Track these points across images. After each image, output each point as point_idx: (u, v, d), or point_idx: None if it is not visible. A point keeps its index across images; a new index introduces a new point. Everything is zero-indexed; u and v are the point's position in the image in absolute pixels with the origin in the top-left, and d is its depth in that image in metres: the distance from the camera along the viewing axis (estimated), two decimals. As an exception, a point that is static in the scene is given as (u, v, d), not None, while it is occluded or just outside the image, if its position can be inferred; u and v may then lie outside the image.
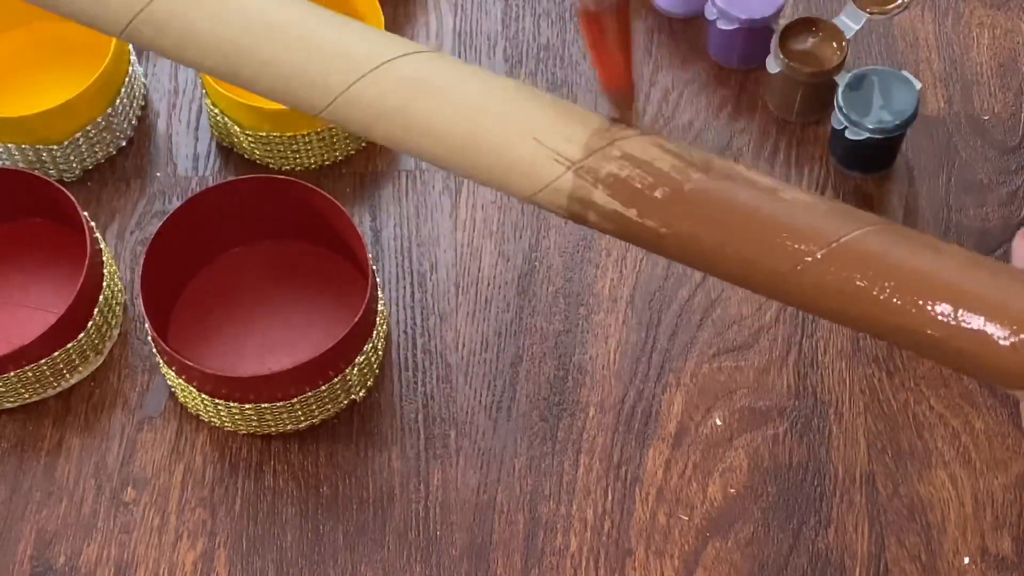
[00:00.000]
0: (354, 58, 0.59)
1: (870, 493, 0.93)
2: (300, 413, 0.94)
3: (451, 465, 0.95)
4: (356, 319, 0.91)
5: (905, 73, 1.01)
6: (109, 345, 0.99)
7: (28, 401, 0.97)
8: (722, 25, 1.06)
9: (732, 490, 0.94)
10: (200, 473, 0.95)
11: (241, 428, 0.95)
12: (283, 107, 1.01)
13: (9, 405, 0.97)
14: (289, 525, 0.93)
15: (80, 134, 1.04)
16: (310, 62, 0.60)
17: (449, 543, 0.92)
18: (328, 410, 0.96)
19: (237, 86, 0.62)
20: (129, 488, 0.94)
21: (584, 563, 0.91)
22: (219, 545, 0.92)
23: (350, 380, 0.94)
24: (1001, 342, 0.52)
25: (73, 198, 0.96)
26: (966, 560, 0.91)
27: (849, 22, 1.03)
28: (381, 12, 1.05)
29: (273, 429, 0.95)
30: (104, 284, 0.97)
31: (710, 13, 1.07)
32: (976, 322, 0.53)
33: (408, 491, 0.94)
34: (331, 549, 0.92)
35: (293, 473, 0.95)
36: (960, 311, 0.53)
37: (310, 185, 0.96)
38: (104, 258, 0.98)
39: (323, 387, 0.93)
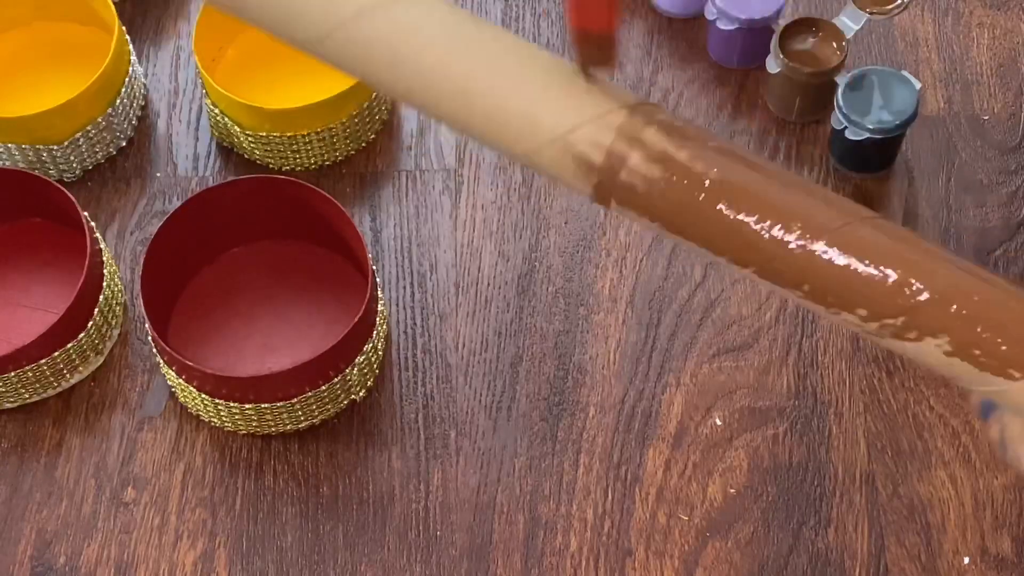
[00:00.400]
0: None
1: (870, 493, 0.93)
2: (300, 413, 0.94)
3: (451, 465, 0.95)
4: (356, 319, 0.91)
5: (905, 73, 1.01)
6: (109, 345, 0.99)
7: (28, 401, 0.97)
8: (722, 25, 1.06)
9: (732, 490, 0.94)
10: (200, 473, 0.95)
11: (241, 428, 0.95)
12: (283, 107, 1.02)
13: (9, 405, 0.97)
14: (289, 525, 0.93)
15: (80, 134, 1.04)
16: None
17: (449, 543, 0.92)
18: (328, 410, 0.96)
19: (237, 16, 0.61)
20: (129, 488, 0.94)
21: (584, 563, 0.91)
22: (219, 545, 0.92)
23: (350, 380, 0.94)
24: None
25: (73, 198, 0.96)
26: (966, 560, 0.91)
27: (849, 22, 1.03)
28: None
29: (273, 429, 0.95)
30: (104, 284, 0.97)
31: (710, 13, 1.07)
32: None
33: (408, 491, 0.94)
34: (331, 549, 0.92)
35: (293, 473, 0.95)
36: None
37: (310, 185, 0.96)
38: (104, 258, 0.98)
39: (323, 387, 0.93)
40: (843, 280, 0.56)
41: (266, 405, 0.92)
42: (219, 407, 0.93)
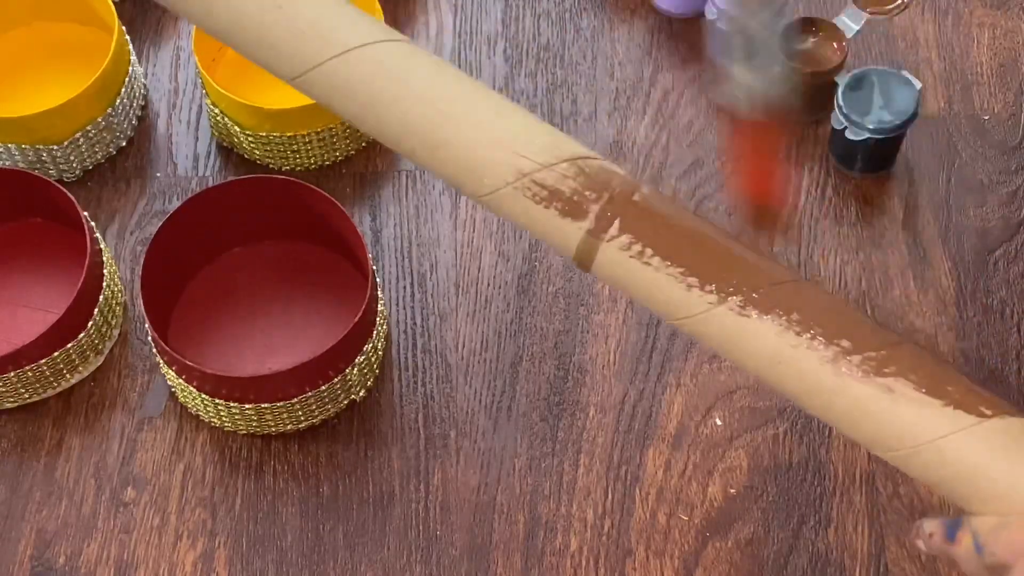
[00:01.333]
0: (329, 38, 0.62)
1: (870, 493, 0.93)
2: (300, 413, 0.94)
3: (451, 465, 0.95)
4: (356, 319, 0.91)
5: (905, 73, 1.01)
6: (109, 345, 0.99)
7: (28, 401, 0.97)
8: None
9: (732, 490, 0.94)
10: (200, 473, 0.95)
11: (241, 428, 0.95)
12: (283, 107, 1.02)
13: (9, 405, 0.97)
14: (289, 525, 0.93)
15: (80, 134, 1.04)
16: (290, 34, 0.63)
17: (449, 543, 0.92)
18: (328, 410, 0.96)
19: (219, 39, 0.66)
20: (129, 488, 0.94)
21: (584, 563, 0.91)
22: (219, 545, 0.92)
23: (350, 380, 0.94)
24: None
25: (73, 198, 0.96)
26: (966, 560, 0.91)
27: (849, 22, 1.03)
28: (381, 12, 1.05)
29: (273, 429, 0.95)
30: (104, 284, 0.97)
31: (710, 13, 1.07)
32: None
33: (408, 491, 0.94)
34: (331, 549, 0.92)
35: (293, 473, 0.95)
36: None
37: (310, 185, 0.96)
38: (104, 258, 0.98)
39: (323, 387, 0.93)
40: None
41: (266, 405, 0.92)
42: (219, 407, 0.93)
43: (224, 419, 0.95)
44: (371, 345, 0.95)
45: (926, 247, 1.02)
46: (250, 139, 1.04)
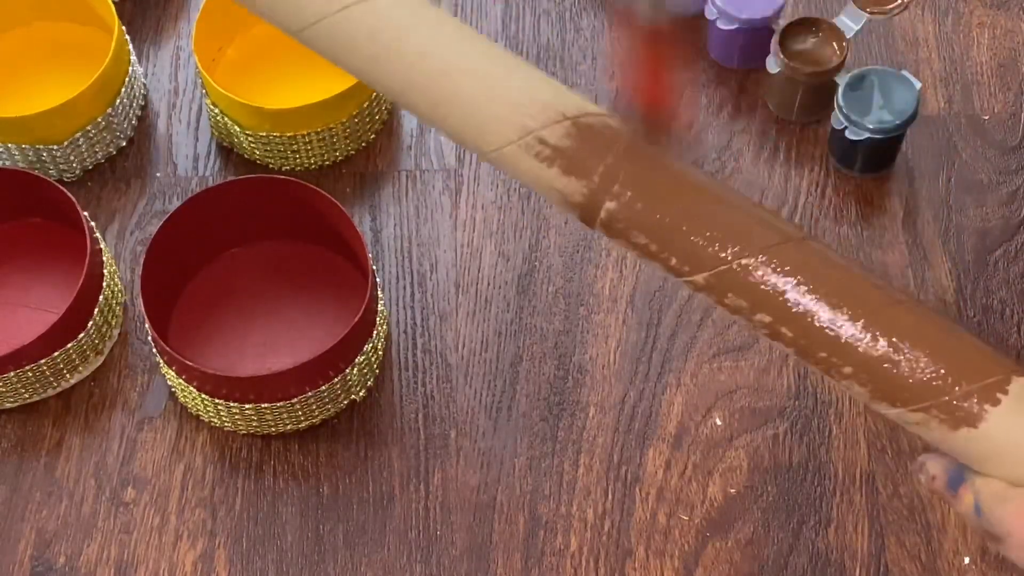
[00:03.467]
0: None
1: (870, 493, 0.93)
2: (300, 413, 0.94)
3: (451, 465, 0.95)
4: (356, 319, 0.91)
5: (905, 73, 1.01)
6: (109, 345, 0.99)
7: (28, 401, 0.97)
8: (722, 25, 1.06)
9: (732, 490, 0.94)
10: (200, 473, 0.95)
11: (241, 428, 0.95)
12: (283, 107, 1.02)
13: (9, 405, 0.97)
14: (289, 525, 0.93)
15: (80, 134, 1.04)
16: None
17: (449, 543, 0.92)
18: (328, 410, 0.96)
19: None
20: (129, 488, 0.94)
21: (584, 563, 0.91)
22: (219, 545, 0.92)
23: (350, 380, 0.94)
24: None
25: (73, 198, 0.96)
26: (966, 560, 0.91)
27: (849, 22, 1.03)
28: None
29: (273, 429, 0.95)
30: (104, 284, 0.97)
31: (710, 13, 1.07)
32: None
33: (408, 491, 0.94)
34: (331, 549, 0.92)
35: (293, 473, 0.95)
36: None
37: (310, 185, 0.96)
38: (104, 258, 0.98)
39: (323, 387, 0.93)
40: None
41: (266, 405, 0.92)
42: (219, 407, 0.93)
43: (224, 419, 0.95)
44: (371, 345, 0.95)
45: (926, 247, 1.02)
46: (250, 139, 1.04)
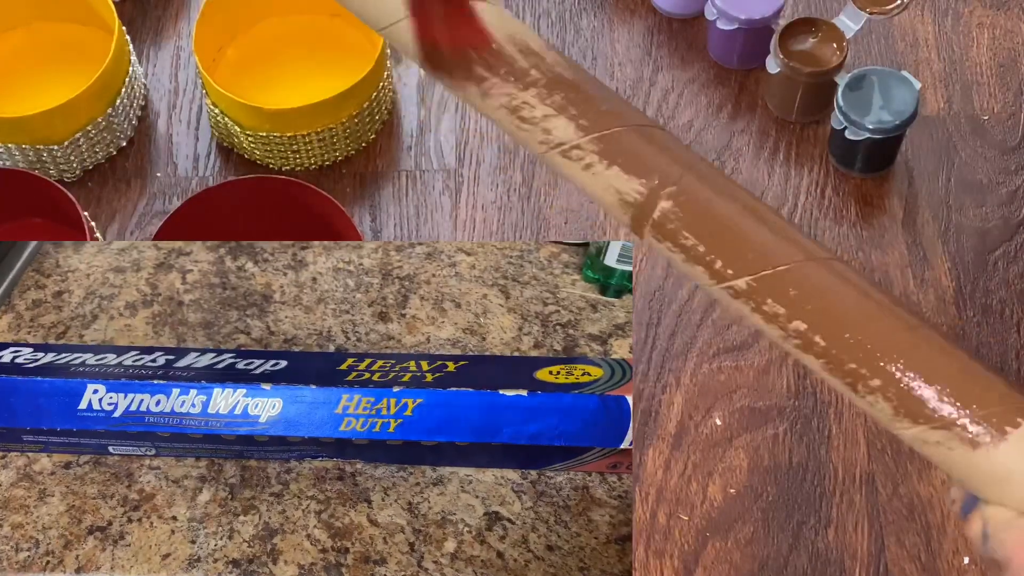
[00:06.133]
0: None
1: (870, 493, 0.93)
2: None
3: (451, 465, 0.95)
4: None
5: (905, 73, 1.01)
6: (109, 345, 0.99)
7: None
8: (722, 25, 1.06)
9: (732, 490, 0.94)
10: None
11: None
12: (283, 107, 1.02)
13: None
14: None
15: (80, 134, 1.04)
16: None
17: (449, 543, 0.92)
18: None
19: None
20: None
21: (584, 563, 0.91)
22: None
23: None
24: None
25: (73, 198, 0.96)
26: (966, 560, 0.91)
27: (849, 22, 1.03)
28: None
29: None
30: (104, 284, 0.97)
31: (710, 13, 1.07)
32: None
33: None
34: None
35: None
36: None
37: (310, 185, 0.96)
38: (104, 258, 0.98)
39: None
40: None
41: None
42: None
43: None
44: (371, 345, 0.95)
45: (926, 247, 1.02)
46: (250, 139, 1.04)
